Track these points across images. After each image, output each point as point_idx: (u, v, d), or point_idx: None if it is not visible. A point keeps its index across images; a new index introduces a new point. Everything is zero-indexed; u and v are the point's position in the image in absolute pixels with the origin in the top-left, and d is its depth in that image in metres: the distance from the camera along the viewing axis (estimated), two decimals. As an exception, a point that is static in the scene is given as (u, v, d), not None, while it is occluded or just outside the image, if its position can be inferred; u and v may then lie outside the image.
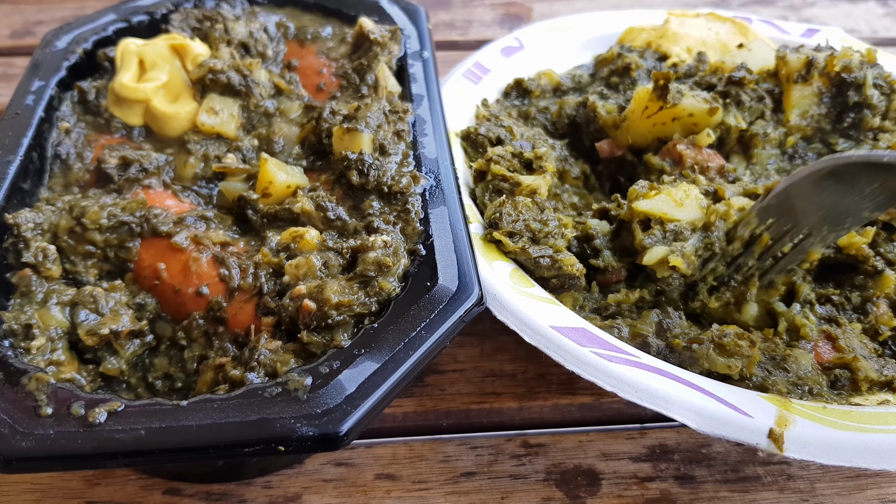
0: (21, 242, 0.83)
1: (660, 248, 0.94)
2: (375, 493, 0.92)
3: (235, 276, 0.83)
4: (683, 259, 0.93)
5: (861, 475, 0.95)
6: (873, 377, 0.89)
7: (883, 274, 0.98)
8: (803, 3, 1.99)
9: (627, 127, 1.14)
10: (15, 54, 1.72)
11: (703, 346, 0.88)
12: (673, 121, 1.10)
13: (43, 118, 0.97)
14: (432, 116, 1.02)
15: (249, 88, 1.04)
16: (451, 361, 1.08)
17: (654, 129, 1.12)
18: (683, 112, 1.09)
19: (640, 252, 0.95)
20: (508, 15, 1.92)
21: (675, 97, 1.08)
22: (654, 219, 0.96)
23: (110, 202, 0.88)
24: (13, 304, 0.80)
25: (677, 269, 0.93)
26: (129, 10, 1.16)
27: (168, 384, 0.82)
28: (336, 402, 0.68)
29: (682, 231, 0.95)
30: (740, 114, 1.12)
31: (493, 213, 0.97)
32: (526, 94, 1.28)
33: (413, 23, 1.20)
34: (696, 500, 0.92)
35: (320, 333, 0.77)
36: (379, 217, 0.88)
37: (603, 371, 0.81)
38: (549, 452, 0.97)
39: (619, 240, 0.99)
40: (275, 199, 0.92)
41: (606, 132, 1.18)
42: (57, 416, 0.66)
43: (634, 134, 1.14)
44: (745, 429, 0.78)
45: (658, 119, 1.10)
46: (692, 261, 0.93)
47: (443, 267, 0.81)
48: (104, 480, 0.91)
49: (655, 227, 0.95)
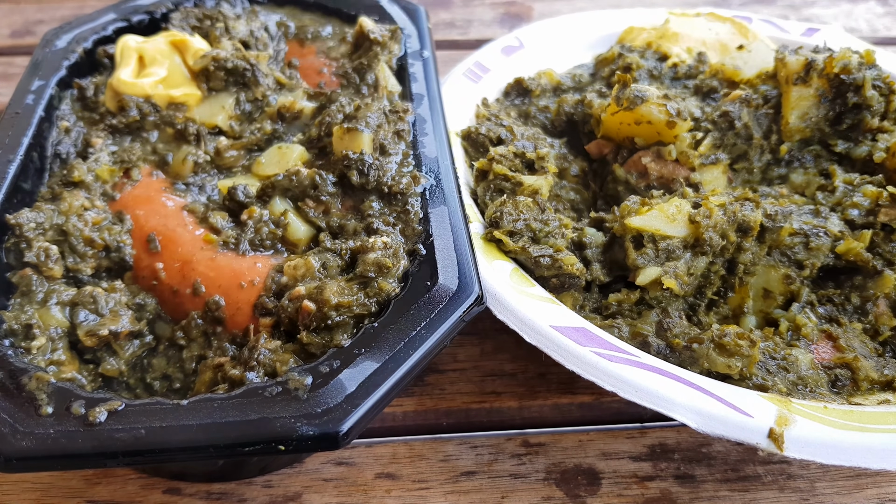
0: (23, 242, 0.83)
1: (653, 269, 0.94)
2: (375, 493, 0.92)
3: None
4: (676, 280, 0.93)
5: (861, 474, 0.95)
6: (874, 377, 0.89)
7: (883, 274, 0.98)
8: (803, 3, 1.99)
9: (602, 124, 1.15)
10: (15, 53, 1.72)
11: (703, 345, 0.88)
12: (637, 124, 1.10)
13: (43, 117, 0.97)
14: (432, 116, 1.02)
15: (256, 78, 1.04)
16: (452, 361, 1.08)
17: (621, 129, 1.12)
18: (643, 118, 1.09)
19: (634, 271, 0.95)
20: (509, 14, 1.92)
21: (634, 101, 1.08)
22: (646, 235, 0.95)
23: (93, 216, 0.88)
24: (13, 304, 0.80)
25: (671, 290, 0.93)
26: (129, 10, 1.16)
27: (166, 385, 0.82)
28: (336, 401, 0.68)
29: (674, 249, 0.94)
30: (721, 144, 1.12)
31: (493, 213, 0.97)
32: (526, 94, 1.28)
33: (413, 22, 1.20)
34: (697, 500, 0.92)
35: (320, 334, 0.77)
36: (379, 218, 0.88)
37: (603, 370, 0.81)
38: (550, 452, 0.97)
39: (611, 252, 0.99)
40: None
41: (595, 131, 1.18)
42: (57, 416, 0.66)
43: (607, 130, 1.14)
44: (746, 428, 0.78)
45: (623, 119, 1.10)
46: (685, 280, 0.93)
47: (443, 266, 0.81)
48: (104, 480, 0.91)
49: (648, 246, 0.95)
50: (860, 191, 1.04)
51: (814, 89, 1.11)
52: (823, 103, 1.11)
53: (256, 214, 0.90)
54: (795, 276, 0.97)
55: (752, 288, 0.97)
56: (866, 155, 1.11)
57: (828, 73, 1.10)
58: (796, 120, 1.11)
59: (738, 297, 0.96)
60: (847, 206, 1.03)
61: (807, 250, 0.98)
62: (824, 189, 1.08)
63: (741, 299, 0.96)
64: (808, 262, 0.98)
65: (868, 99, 1.10)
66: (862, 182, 1.06)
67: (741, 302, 0.96)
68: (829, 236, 0.99)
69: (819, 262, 0.98)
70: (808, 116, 1.11)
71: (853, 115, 1.11)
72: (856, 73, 1.09)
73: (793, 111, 1.11)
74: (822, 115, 1.12)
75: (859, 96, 1.10)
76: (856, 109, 1.11)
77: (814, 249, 0.98)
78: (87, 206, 0.89)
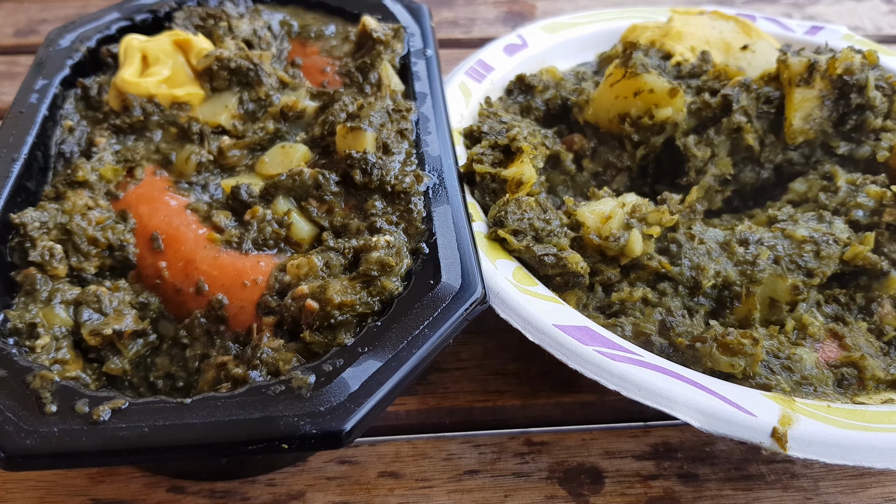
0: (27, 241, 0.83)
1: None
2: (379, 491, 0.92)
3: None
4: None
5: (865, 474, 0.95)
6: (880, 376, 0.89)
7: (889, 275, 0.98)
8: (807, 1, 1.99)
9: (593, 100, 1.15)
10: (19, 53, 1.72)
11: (706, 344, 0.88)
12: (635, 95, 1.10)
13: (47, 116, 0.97)
14: (435, 114, 1.02)
15: (259, 77, 1.04)
16: (455, 359, 1.08)
17: (615, 102, 1.12)
18: (645, 86, 1.10)
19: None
20: (512, 13, 1.92)
21: (638, 67, 1.10)
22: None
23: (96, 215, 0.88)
24: (18, 303, 0.81)
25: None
26: (132, 9, 1.16)
27: (170, 383, 0.82)
28: (339, 399, 0.68)
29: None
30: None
31: (497, 212, 0.97)
32: (529, 91, 1.28)
33: (416, 21, 1.20)
34: (700, 499, 0.92)
35: (323, 333, 0.77)
36: (382, 217, 0.88)
37: (606, 369, 0.81)
38: (553, 450, 0.97)
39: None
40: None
41: (578, 118, 1.20)
42: (61, 414, 0.66)
43: (597, 107, 1.15)
44: (749, 427, 0.78)
45: (620, 91, 1.11)
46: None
47: (446, 265, 0.81)
48: (108, 478, 0.91)
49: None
50: (863, 191, 1.04)
51: (817, 91, 1.10)
52: (826, 104, 1.11)
53: (260, 214, 0.90)
54: (803, 288, 0.96)
55: (759, 298, 0.96)
56: (869, 155, 1.10)
57: (831, 74, 1.10)
58: (800, 122, 1.11)
59: (745, 307, 0.96)
60: (851, 207, 1.03)
61: (818, 258, 0.97)
62: (827, 190, 1.08)
63: (748, 310, 0.96)
64: (819, 271, 0.97)
65: (871, 99, 1.09)
66: (865, 182, 1.06)
67: (748, 313, 0.96)
68: (839, 244, 0.98)
69: (829, 271, 0.98)
70: (811, 118, 1.11)
71: (856, 115, 1.11)
72: (859, 74, 1.09)
73: (796, 113, 1.10)
74: (825, 117, 1.11)
75: (862, 97, 1.09)
76: (859, 110, 1.11)
77: (825, 258, 0.97)
78: (90, 206, 0.89)
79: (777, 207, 1.09)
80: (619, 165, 1.16)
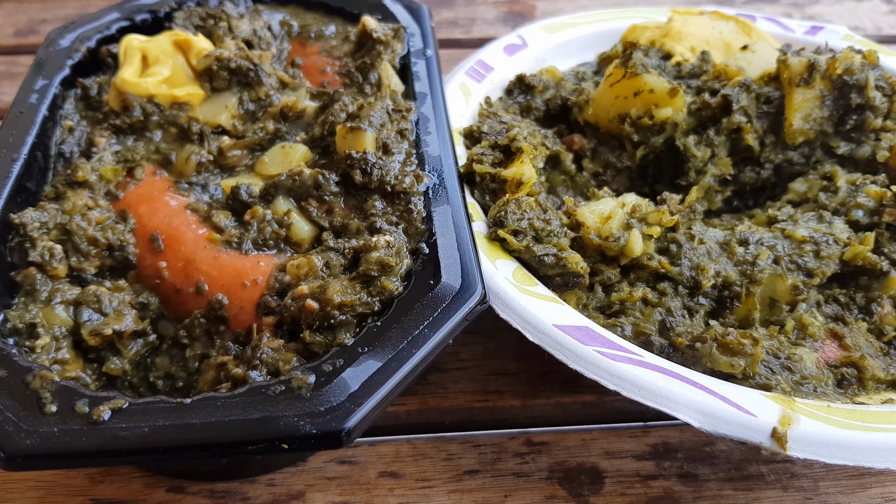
0: (27, 241, 0.83)
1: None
2: (379, 491, 0.92)
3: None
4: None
5: (865, 474, 0.95)
6: (880, 376, 0.89)
7: (889, 275, 0.98)
8: (807, 1, 1.99)
9: (593, 101, 1.15)
10: (19, 53, 1.72)
11: (706, 344, 0.88)
12: (635, 96, 1.10)
13: (47, 117, 0.97)
14: (435, 115, 1.02)
15: (259, 77, 1.04)
16: (454, 360, 1.08)
17: (615, 103, 1.12)
18: (645, 86, 1.09)
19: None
20: (512, 13, 1.92)
21: (638, 67, 1.10)
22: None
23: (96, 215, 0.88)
24: (18, 303, 0.81)
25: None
26: (132, 9, 1.16)
27: (169, 384, 0.82)
28: (339, 399, 0.68)
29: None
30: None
31: (497, 212, 0.97)
32: (529, 91, 1.28)
33: (416, 21, 1.20)
34: (700, 499, 0.92)
35: (322, 333, 0.77)
36: (382, 217, 0.88)
37: (606, 370, 0.81)
38: (553, 451, 0.97)
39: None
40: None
41: (578, 119, 1.20)
42: (61, 414, 0.66)
43: (597, 107, 1.15)
44: (749, 427, 0.78)
45: (620, 91, 1.11)
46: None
47: (446, 265, 0.81)
48: (108, 478, 0.91)
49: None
50: (863, 191, 1.04)
51: (817, 91, 1.10)
52: (826, 104, 1.11)
53: (260, 214, 0.90)
54: (803, 288, 0.96)
55: (759, 298, 0.97)
56: (869, 155, 1.10)
57: (830, 74, 1.10)
58: (800, 122, 1.11)
59: (745, 307, 0.96)
60: (851, 207, 1.03)
61: (818, 259, 0.98)
62: (827, 190, 1.08)
63: (748, 310, 0.96)
64: (819, 271, 0.97)
65: (871, 99, 1.09)
66: (865, 182, 1.06)
67: (748, 313, 0.96)
68: (839, 244, 0.98)
69: (829, 271, 0.98)
70: (811, 118, 1.11)
71: (856, 115, 1.11)
72: (858, 74, 1.09)
73: (796, 113, 1.10)
74: (825, 117, 1.11)
75: (862, 97, 1.09)
76: (859, 110, 1.11)
77: (825, 258, 0.97)
78: (90, 206, 0.89)
79: (777, 207, 1.09)
80: (619, 165, 1.16)
